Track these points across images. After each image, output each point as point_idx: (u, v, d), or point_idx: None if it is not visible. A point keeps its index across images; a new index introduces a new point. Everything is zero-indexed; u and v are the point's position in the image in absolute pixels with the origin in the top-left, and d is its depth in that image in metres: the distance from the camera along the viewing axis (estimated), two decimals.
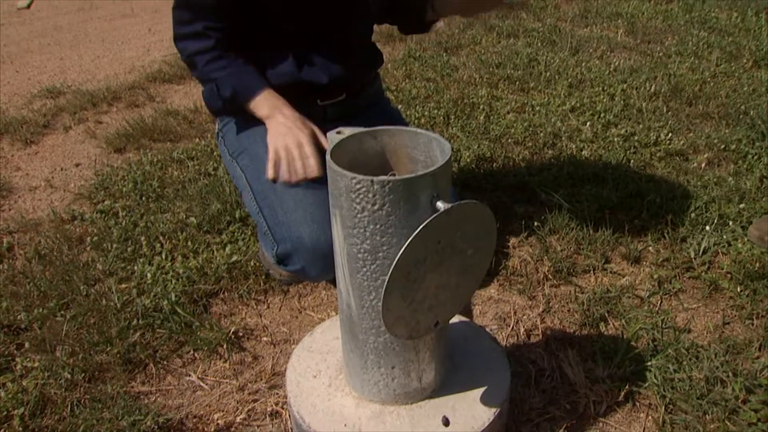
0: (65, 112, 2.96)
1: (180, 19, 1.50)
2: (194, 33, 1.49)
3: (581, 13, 3.84)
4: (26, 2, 4.97)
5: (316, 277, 1.49)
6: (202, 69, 1.52)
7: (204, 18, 1.48)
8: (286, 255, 1.43)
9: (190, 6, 1.47)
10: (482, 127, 2.48)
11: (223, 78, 1.51)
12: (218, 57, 1.51)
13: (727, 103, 2.55)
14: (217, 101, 1.53)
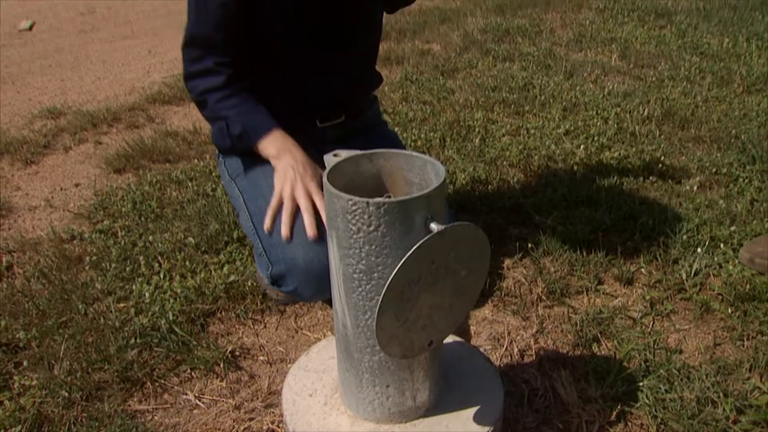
0: (65, 132, 2.99)
1: (190, 57, 1.52)
2: (205, 70, 1.50)
3: (576, 37, 3.89)
4: (28, 24, 5.03)
5: (309, 298, 1.50)
6: (212, 107, 1.52)
7: (214, 53, 1.49)
8: (281, 276, 1.45)
9: (198, 42, 1.49)
10: (478, 150, 2.52)
11: (234, 116, 1.51)
12: (229, 96, 1.51)
13: (719, 127, 2.59)
14: (226, 139, 1.54)
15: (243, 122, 1.52)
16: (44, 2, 5.84)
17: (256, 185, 1.55)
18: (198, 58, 1.51)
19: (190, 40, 1.51)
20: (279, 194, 1.45)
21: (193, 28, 1.50)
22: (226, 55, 1.50)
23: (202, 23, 1.48)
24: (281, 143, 1.51)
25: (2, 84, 3.74)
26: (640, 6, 4.40)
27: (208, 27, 1.47)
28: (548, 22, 4.30)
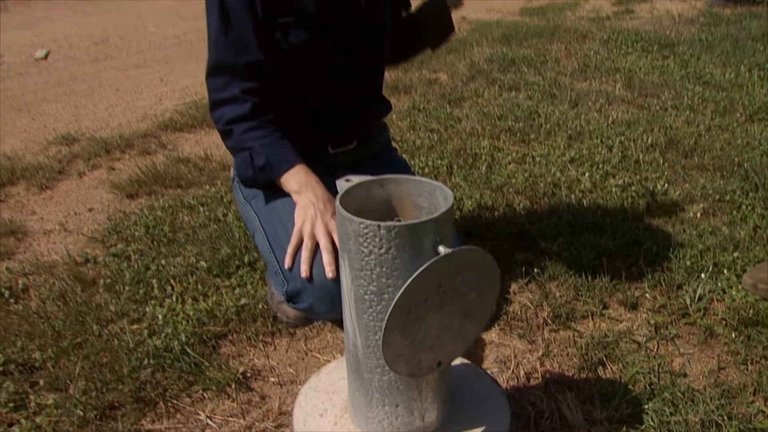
0: (79, 158, 3.05)
1: (215, 86, 1.56)
2: (231, 98, 1.53)
3: (580, 67, 3.96)
4: (43, 53, 5.14)
5: (322, 315, 1.53)
6: (238, 137, 1.55)
7: (239, 79, 1.53)
8: (296, 293, 1.48)
9: (222, 70, 1.54)
10: (484, 177, 2.56)
11: (258, 147, 1.54)
12: (255, 127, 1.54)
13: (722, 155, 2.63)
14: (249, 170, 1.56)
15: (267, 154, 1.54)
16: (59, 32, 5.97)
17: (272, 207, 1.59)
18: (223, 86, 1.54)
19: (214, 68, 1.55)
20: (299, 231, 1.48)
21: (216, 57, 1.55)
22: (251, 81, 1.54)
23: (224, 51, 1.53)
24: (304, 178, 1.54)
25: (18, 111, 3.82)
26: (643, 37, 4.47)
27: (230, 54, 1.52)
28: (553, 52, 4.37)
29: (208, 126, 3.42)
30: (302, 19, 1.53)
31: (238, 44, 1.52)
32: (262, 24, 1.52)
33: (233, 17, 1.50)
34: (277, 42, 1.54)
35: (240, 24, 1.50)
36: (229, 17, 1.50)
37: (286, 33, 1.54)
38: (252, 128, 1.55)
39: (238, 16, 1.50)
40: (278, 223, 1.55)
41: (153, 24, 6.20)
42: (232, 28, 1.51)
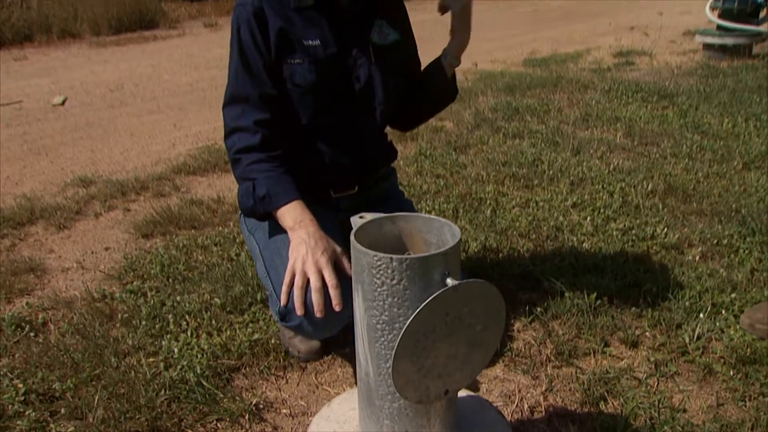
0: (96, 200, 3.15)
1: (230, 115, 1.66)
2: (244, 127, 1.63)
3: (582, 116, 4.07)
4: (60, 99, 5.30)
5: (312, 333, 1.55)
6: (244, 168, 1.63)
7: (252, 110, 1.63)
8: (287, 312, 1.52)
9: (238, 101, 1.64)
10: (489, 221, 2.64)
11: (261, 179, 1.61)
12: (262, 160, 1.62)
13: (720, 201, 2.71)
14: (250, 200, 1.63)
15: (268, 186, 1.61)
16: (76, 79, 6.15)
17: (271, 238, 1.67)
18: (238, 115, 1.64)
19: (231, 99, 1.66)
20: (291, 268, 1.51)
21: (233, 89, 1.66)
22: (264, 113, 1.64)
23: (240, 84, 1.64)
24: (299, 215, 1.59)
25: (37, 154, 3.95)
26: (643, 88, 4.60)
27: (245, 87, 1.63)
28: (556, 101, 4.50)
29: (221, 170, 3.52)
30: (310, 63, 1.64)
31: (253, 78, 1.64)
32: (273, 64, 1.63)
33: (248, 53, 1.63)
34: (284, 80, 1.65)
35: (254, 60, 1.63)
36: (245, 53, 1.63)
37: (292, 73, 1.65)
38: (259, 160, 1.63)
39: (253, 52, 1.62)
40: (274, 249, 1.63)
41: (166, 72, 6.38)
42: (248, 62, 1.63)
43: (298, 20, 1.62)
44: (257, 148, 1.63)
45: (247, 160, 1.63)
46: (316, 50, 1.64)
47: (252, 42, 1.61)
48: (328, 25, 1.65)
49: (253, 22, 1.60)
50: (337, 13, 1.66)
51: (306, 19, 1.63)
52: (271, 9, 1.60)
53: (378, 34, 1.72)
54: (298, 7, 1.62)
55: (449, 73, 1.83)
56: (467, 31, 1.75)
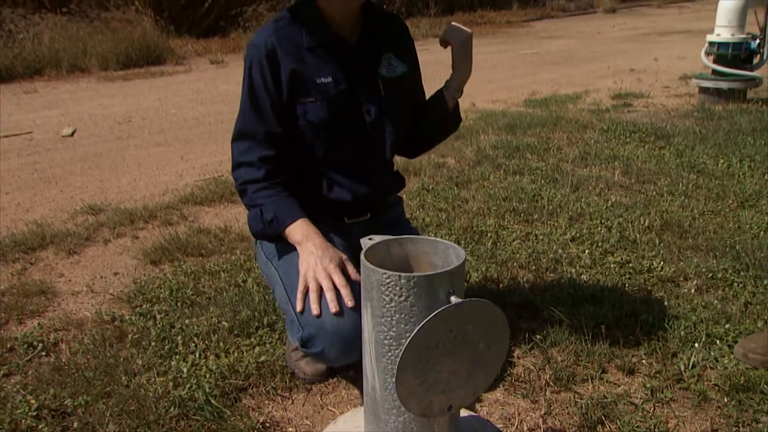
0: (105, 227, 3.22)
1: (239, 149, 1.77)
2: (249, 162, 1.74)
3: (581, 155, 4.17)
4: (70, 131, 5.40)
5: (333, 360, 1.63)
6: (251, 196, 1.75)
7: (258, 146, 1.73)
8: (310, 338, 1.59)
9: (245, 137, 1.75)
10: (490, 252, 2.71)
11: (268, 204, 1.73)
12: (266, 188, 1.74)
13: (715, 237, 2.78)
14: (259, 224, 1.74)
15: (274, 209, 1.72)
16: (84, 112, 6.27)
17: (290, 263, 1.73)
18: (245, 150, 1.75)
19: (239, 134, 1.77)
20: (303, 278, 1.63)
21: (241, 125, 1.77)
22: (269, 149, 1.74)
23: (248, 121, 1.75)
24: (305, 230, 1.70)
25: (47, 183, 4.03)
26: (641, 128, 4.71)
27: (253, 124, 1.74)
28: (556, 140, 4.60)
29: (227, 201, 3.60)
30: (323, 101, 1.72)
31: (261, 117, 1.74)
32: (284, 102, 1.72)
33: (258, 93, 1.73)
34: (297, 118, 1.74)
35: (263, 99, 1.73)
36: (255, 92, 1.73)
37: (306, 112, 1.74)
38: (263, 188, 1.75)
39: (262, 93, 1.72)
40: (294, 275, 1.70)
41: (173, 106, 6.51)
42: (257, 101, 1.73)
43: (311, 59, 1.71)
44: (261, 180, 1.75)
45: (252, 189, 1.75)
46: (327, 87, 1.73)
47: (262, 83, 1.71)
48: (338, 61, 1.74)
49: (265, 64, 1.69)
50: (346, 49, 1.75)
51: (318, 58, 1.72)
52: (283, 50, 1.70)
53: (386, 68, 1.81)
54: (311, 47, 1.71)
55: (452, 105, 1.92)
56: (468, 65, 1.85)
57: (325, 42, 1.72)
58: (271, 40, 1.69)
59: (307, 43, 1.71)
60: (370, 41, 1.80)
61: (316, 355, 1.65)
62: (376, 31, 1.82)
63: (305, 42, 1.71)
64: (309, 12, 1.73)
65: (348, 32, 1.77)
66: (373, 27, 1.81)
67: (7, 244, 2.97)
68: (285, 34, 1.71)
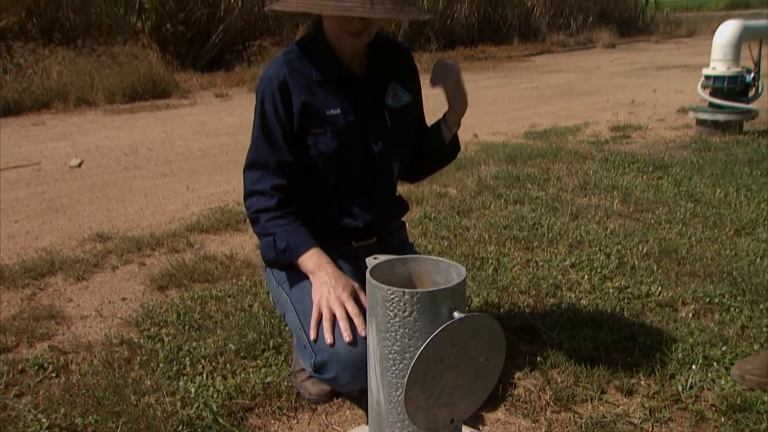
0: (113, 254, 3.28)
1: (251, 178, 1.83)
2: (262, 191, 1.80)
3: (581, 185, 4.24)
4: (77, 161, 5.49)
5: (345, 385, 1.68)
6: (263, 224, 1.80)
7: (270, 175, 1.79)
8: (323, 364, 1.65)
9: (257, 166, 1.81)
10: (491, 278, 2.76)
11: (281, 233, 1.78)
12: (278, 216, 1.79)
13: (712, 264, 2.83)
14: (272, 252, 1.80)
15: (287, 239, 1.78)
16: (91, 143, 6.37)
17: (302, 290, 1.78)
18: (257, 179, 1.81)
19: (251, 164, 1.83)
20: (317, 306, 1.69)
21: (253, 155, 1.83)
22: (280, 178, 1.80)
23: (260, 151, 1.81)
24: (317, 260, 1.76)
25: (55, 212, 4.10)
26: (639, 159, 4.79)
27: (265, 154, 1.80)
28: (556, 171, 4.67)
29: (233, 229, 3.66)
30: (333, 132, 1.80)
31: (272, 146, 1.80)
32: (295, 131, 1.79)
33: (270, 123, 1.79)
34: (308, 148, 1.80)
35: (275, 129, 1.79)
36: (267, 122, 1.79)
37: (317, 142, 1.81)
38: (275, 217, 1.80)
39: (273, 123, 1.79)
40: (308, 302, 1.75)
41: (179, 138, 6.61)
42: (269, 132, 1.80)
43: (320, 92, 1.79)
44: (273, 209, 1.80)
45: (265, 218, 1.80)
46: (337, 119, 1.80)
47: (274, 113, 1.78)
48: (346, 93, 1.82)
49: (277, 95, 1.76)
50: (354, 82, 1.83)
51: (327, 90, 1.79)
52: (295, 83, 1.77)
53: (392, 98, 1.89)
54: (320, 80, 1.79)
55: (448, 138, 1.99)
56: (463, 100, 1.91)
57: (335, 76, 1.80)
58: (282, 72, 1.77)
59: (317, 77, 1.78)
60: (377, 73, 1.88)
61: (328, 381, 1.70)
62: (383, 63, 1.89)
63: (315, 76, 1.78)
64: (319, 46, 1.80)
65: (356, 66, 1.85)
66: (380, 58, 1.89)
67: (17, 270, 3.03)
68: (295, 67, 1.78)
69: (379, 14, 1.58)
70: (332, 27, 1.73)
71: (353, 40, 1.73)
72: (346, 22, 1.68)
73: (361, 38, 1.73)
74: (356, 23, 1.68)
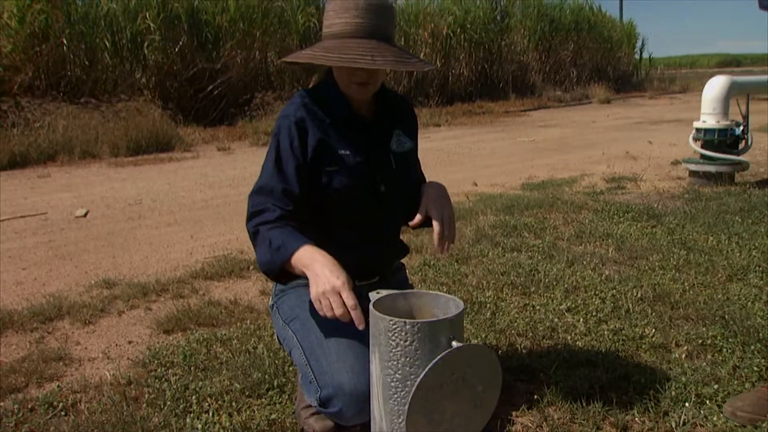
0: (119, 299, 3.35)
1: (255, 202, 1.88)
2: (264, 209, 1.84)
3: (576, 233, 4.34)
4: (83, 211, 5.61)
5: (350, 419, 1.74)
6: (262, 234, 1.81)
7: (275, 200, 1.86)
8: (328, 398, 1.71)
9: (263, 192, 1.88)
10: (489, 322, 2.83)
11: (277, 234, 1.79)
12: (278, 226, 1.81)
13: (705, 308, 2.91)
14: (267, 254, 1.78)
15: (282, 238, 1.77)
16: (97, 194, 6.50)
17: (307, 326, 1.86)
18: (261, 203, 1.85)
19: (258, 190, 1.89)
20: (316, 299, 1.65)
21: (262, 182, 1.90)
22: (285, 204, 1.85)
23: (269, 178, 1.88)
24: (311, 254, 1.73)
25: (62, 259, 4.19)
26: (633, 209, 4.91)
27: (273, 181, 1.87)
28: (552, 220, 4.78)
29: (237, 276, 3.74)
30: (343, 170, 1.91)
31: (282, 175, 1.88)
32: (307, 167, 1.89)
33: (283, 154, 1.89)
34: (322, 185, 1.91)
35: (287, 159, 1.88)
36: (280, 153, 1.89)
37: (330, 180, 1.91)
38: (275, 227, 1.80)
39: (288, 154, 1.88)
40: (314, 339, 1.82)
41: (182, 190, 6.74)
42: (281, 161, 1.88)
43: (333, 133, 1.91)
44: (274, 221, 1.81)
45: (265, 228, 1.81)
46: (347, 158, 1.91)
47: (289, 145, 1.88)
48: (356, 136, 1.94)
49: (294, 130, 1.87)
50: (363, 125, 1.96)
51: (339, 132, 1.92)
52: (311, 122, 1.89)
53: (396, 143, 2.01)
54: (333, 123, 1.91)
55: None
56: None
57: (345, 119, 1.92)
58: (300, 111, 1.89)
59: (330, 119, 1.91)
60: (384, 119, 2.01)
61: (333, 415, 1.76)
62: (389, 111, 2.03)
63: (327, 118, 1.91)
64: (332, 93, 1.93)
65: (364, 112, 1.98)
66: (386, 107, 2.03)
67: (25, 314, 3.10)
68: (311, 109, 1.91)
69: (380, 65, 1.71)
70: (340, 77, 1.87)
71: (359, 89, 1.86)
72: (352, 73, 1.81)
73: (367, 88, 1.86)
74: (360, 74, 1.81)
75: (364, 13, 1.78)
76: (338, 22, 1.80)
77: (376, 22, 1.79)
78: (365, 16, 1.78)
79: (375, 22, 1.79)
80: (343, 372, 1.70)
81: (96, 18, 12.09)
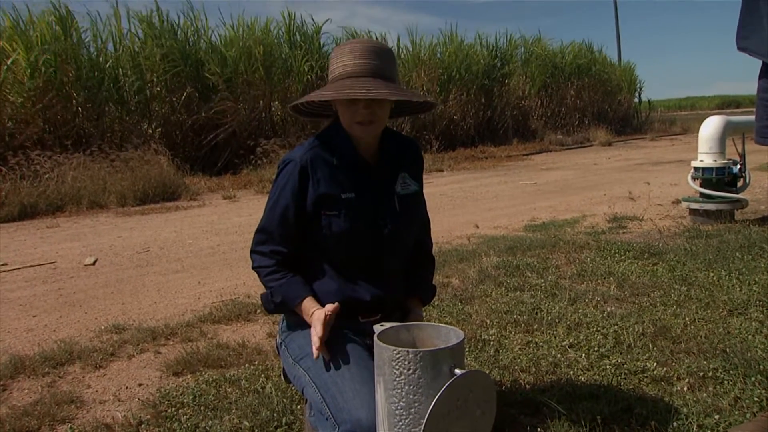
0: (129, 343, 3.41)
1: (258, 240, 2.07)
2: (262, 252, 2.05)
3: (578, 272, 4.40)
4: (91, 260, 5.69)
5: None
6: (263, 278, 2.04)
7: (272, 242, 2.03)
8: None
9: (264, 232, 2.05)
10: (492, 358, 2.87)
11: (276, 287, 2.01)
12: (275, 272, 2.03)
13: (706, 341, 2.95)
14: (270, 305, 2.05)
15: (282, 292, 2.01)
16: (105, 243, 6.60)
17: (319, 364, 1.91)
18: (261, 242, 2.06)
19: (260, 229, 2.07)
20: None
21: (264, 222, 2.07)
22: (282, 246, 2.03)
23: (269, 220, 2.05)
24: (308, 309, 1.98)
25: (71, 306, 4.25)
26: (634, 247, 4.97)
27: (272, 224, 2.04)
28: (554, 260, 4.84)
29: (244, 319, 3.80)
30: (346, 214, 1.99)
31: (280, 219, 2.03)
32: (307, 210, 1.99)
33: (282, 199, 2.02)
34: (321, 228, 1.99)
35: (286, 204, 2.02)
36: (280, 198, 2.03)
37: (330, 223, 1.99)
38: (273, 272, 2.04)
39: (288, 199, 2.01)
40: (327, 377, 1.87)
41: (189, 237, 6.83)
42: (279, 206, 2.03)
43: (338, 175, 2.00)
44: (271, 266, 2.04)
45: (264, 273, 2.04)
46: (351, 202, 2.00)
47: (290, 191, 1.99)
48: (361, 179, 2.03)
49: (296, 175, 1.98)
50: (368, 168, 2.05)
51: (344, 175, 2.01)
52: (318, 165, 2.00)
53: (401, 186, 2.10)
54: (339, 165, 2.01)
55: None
56: None
57: (351, 162, 2.02)
58: (306, 156, 2.00)
59: (336, 162, 2.00)
60: (389, 162, 2.10)
61: None
62: (394, 153, 2.12)
63: (334, 161, 2.00)
64: (339, 137, 2.04)
65: (370, 155, 2.07)
66: (392, 150, 2.12)
67: (37, 359, 3.15)
68: (318, 152, 2.02)
69: (373, 95, 1.82)
70: (343, 118, 1.97)
71: (362, 129, 1.95)
72: (354, 113, 1.91)
73: (370, 127, 1.95)
74: (362, 112, 1.91)
75: (364, 54, 1.90)
76: (339, 65, 1.93)
77: (377, 63, 1.91)
78: (365, 57, 1.90)
79: (375, 62, 1.91)
80: (361, 408, 1.73)
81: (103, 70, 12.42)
